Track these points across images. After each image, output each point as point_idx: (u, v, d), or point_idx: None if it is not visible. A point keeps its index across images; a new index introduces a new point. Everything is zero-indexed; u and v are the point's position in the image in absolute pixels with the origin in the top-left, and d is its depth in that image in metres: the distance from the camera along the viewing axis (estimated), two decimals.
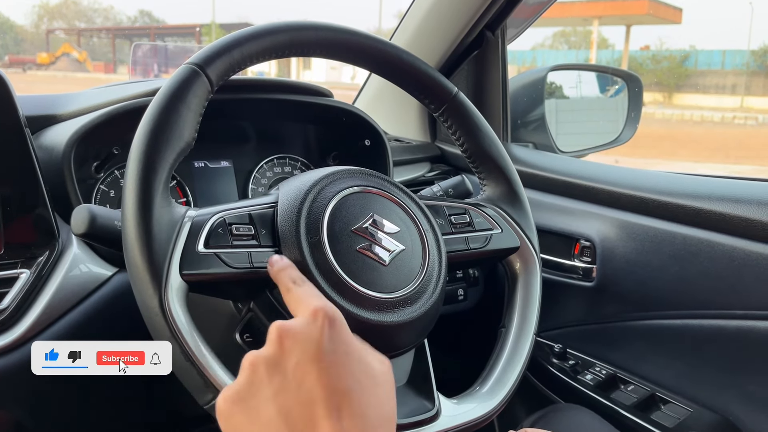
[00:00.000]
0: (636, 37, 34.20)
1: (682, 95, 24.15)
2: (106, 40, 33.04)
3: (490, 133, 0.82)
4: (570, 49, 42.04)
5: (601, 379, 1.08)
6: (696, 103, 22.33)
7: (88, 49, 32.49)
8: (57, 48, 31.92)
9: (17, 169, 0.78)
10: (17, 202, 0.78)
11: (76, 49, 31.85)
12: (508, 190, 0.83)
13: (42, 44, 35.01)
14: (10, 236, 0.77)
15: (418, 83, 0.79)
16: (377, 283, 0.64)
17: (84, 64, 31.06)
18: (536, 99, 1.42)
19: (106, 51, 32.64)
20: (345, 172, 0.71)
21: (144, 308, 0.56)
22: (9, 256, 0.76)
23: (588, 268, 1.11)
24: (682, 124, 17.17)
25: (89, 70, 29.77)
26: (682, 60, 26.37)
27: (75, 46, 32.11)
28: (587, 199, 1.12)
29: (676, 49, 32.78)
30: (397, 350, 0.67)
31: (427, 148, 1.38)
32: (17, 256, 0.77)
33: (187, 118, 0.61)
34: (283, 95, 1.03)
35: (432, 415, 0.65)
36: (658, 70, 26.07)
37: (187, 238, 0.59)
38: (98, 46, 33.44)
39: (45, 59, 31.04)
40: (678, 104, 22.62)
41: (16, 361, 0.75)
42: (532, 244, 0.82)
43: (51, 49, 32.37)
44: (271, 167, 1.12)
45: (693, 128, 16.48)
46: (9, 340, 0.74)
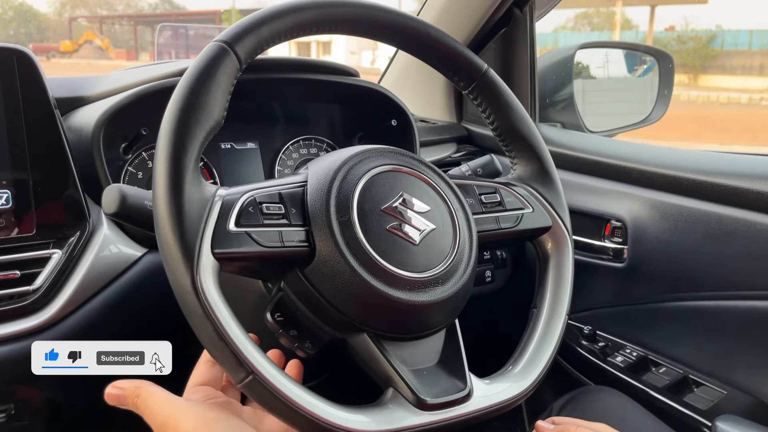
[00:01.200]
0: (661, 18, 33.45)
1: (708, 76, 23.69)
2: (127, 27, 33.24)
3: (521, 110, 0.81)
4: (592, 30, 41.37)
5: (631, 361, 1.06)
6: (722, 84, 21.89)
7: (110, 36, 32.71)
8: (80, 36, 32.17)
9: (48, 150, 0.78)
10: (48, 183, 0.78)
11: (99, 37, 32.08)
12: (539, 169, 0.81)
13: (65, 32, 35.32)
14: (42, 217, 0.77)
15: (447, 60, 0.78)
16: (408, 262, 0.64)
17: (106, 51, 31.29)
18: (565, 78, 1.40)
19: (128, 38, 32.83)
20: (374, 150, 0.70)
21: (176, 287, 0.56)
22: (41, 237, 0.77)
23: (619, 248, 1.09)
24: (708, 106, 16.84)
25: (112, 57, 29.96)
26: (708, 40, 25.83)
27: (97, 34, 32.35)
28: (618, 178, 1.10)
29: (702, 29, 32.09)
30: (428, 330, 0.67)
31: (453, 128, 1.37)
32: (49, 236, 0.77)
33: (216, 96, 0.61)
34: (309, 75, 1.02)
35: (464, 395, 0.64)
36: (684, 51, 25.57)
37: (218, 216, 0.58)
38: (120, 33, 33.65)
39: (68, 47, 31.29)
40: (704, 86, 22.20)
41: (48, 340, 0.76)
42: (564, 224, 0.80)
43: (74, 37, 32.64)
44: (297, 149, 1.12)
45: (719, 110, 16.16)
46: (42, 319, 0.75)
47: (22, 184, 0.76)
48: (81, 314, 0.78)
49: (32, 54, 0.77)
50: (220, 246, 0.57)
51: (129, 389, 0.59)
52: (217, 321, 0.55)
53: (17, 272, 0.75)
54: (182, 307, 0.56)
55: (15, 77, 0.76)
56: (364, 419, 0.58)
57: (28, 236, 0.76)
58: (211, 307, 0.55)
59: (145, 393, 0.58)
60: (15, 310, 0.74)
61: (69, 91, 0.93)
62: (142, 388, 0.59)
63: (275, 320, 0.65)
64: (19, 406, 0.79)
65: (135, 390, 0.59)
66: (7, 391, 0.78)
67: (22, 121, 0.76)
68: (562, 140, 1.22)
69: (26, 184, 0.76)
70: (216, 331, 0.55)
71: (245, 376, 0.55)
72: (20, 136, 0.76)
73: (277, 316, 0.66)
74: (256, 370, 0.55)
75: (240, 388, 0.56)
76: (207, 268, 0.56)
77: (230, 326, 0.56)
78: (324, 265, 0.61)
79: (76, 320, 0.78)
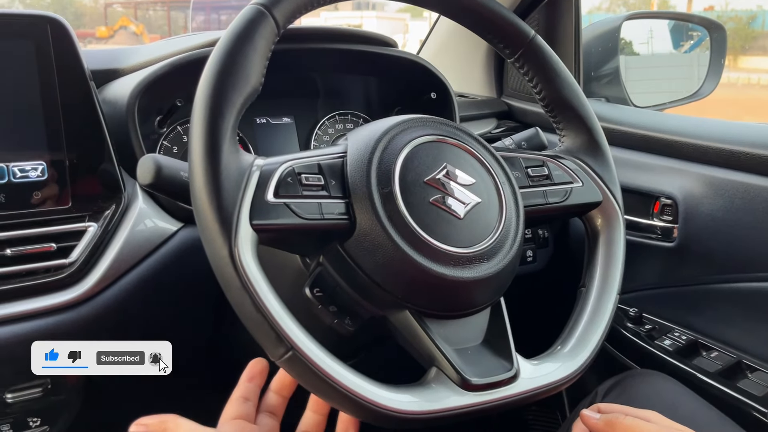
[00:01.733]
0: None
1: (748, 58, 22.97)
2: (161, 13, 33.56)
3: (570, 79, 0.77)
4: (629, 11, 40.41)
5: (680, 344, 1.01)
6: (764, 66, 21.21)
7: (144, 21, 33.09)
8: (115, 22, 32.55)
9: (83, 122, 0.77)
10: (83, 156, 0.77)
11: (133, 22, 32.44)
12: (589, 141, 0.77)
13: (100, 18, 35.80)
14: (77, 189, 0.76)
15: (493, 26, 0.74)
16: (452, 237, 0.61)
17: (141, 36, 31.65)
18: (610, 50, 1.34)
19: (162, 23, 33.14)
20: (417, 120, 0.67)
21: (214, 258, 0.54)
22: (76, 210, 0.76)
23: (668, 227, 1.04)
24: (749, 88, 16.34)
25: (146, 43, 30.31)
26: (748, 21, 25.01)
27: (132, 20, 32.71)
28: (669, 153, 1.05)
29: (743, 9, 31.09)
30: (472, 308, 0.64)
31: (493, 103, 1.33)
32: (84, 209, 0.76)
33: (254, 61, 0.58)
34: (345, 45, 1.00)
35: (511, 376, 0.61)
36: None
37: (256, 186, 0.56)
38: (154, 18, 34.01)
39: (104, 33, 31.70)
40: (744, 67, 21.54)
41: (85, 314, 0.75)
42: (616, 199, 0.76)
43: (109, 23, 33.06)
44: (333, 123, 1.09)
45: (760, 92, 15.66)
46: (79, 293, 0.74)
47: (58, 157, 0.75)
48: (115, 289, 0.77)
49: (66, 22, 0.75)
50: (259, 217, 0.55)
51: (154, 424, 0.57)
52: (255, 294, 0.53)
53: (53, 245, 0.74)
54: (220, 279, 0.55)
55: (49, 46, 0.74)
56: (407, 398, 0.56)
57: (64, 209, 0.75)
58: (249, 280, 0.53)
59: (173, 425, 0.57)
60: (50, 284, 0.73)
61: (104, 63, 0.91)
62: (169, 422, 0.57)
63: (314, 295, 0.63)
64: (55, 381, 0.79)
65: (161, 425, 0.57)
66: None
67: (57, 92, 0.75)
68: (609, 114, 1.17)
69: (61, 156, 0.75)
70: (254, 304, 0.53)
71: (285, 352, 0.53)
72: (55, 107, 0.75)
73: (316, 291, 0.64)
74: (296, 346, 0.53)
75: (279, 363, 0.54)
76: (245, 239, 0.54)
77: (269, 300, 0.54)
78: (365, 239, 0.59)
79: (110, 295, 0.77)
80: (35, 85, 0.74)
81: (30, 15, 0.74)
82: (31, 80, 0.74)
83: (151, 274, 0.79)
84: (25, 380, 0.77)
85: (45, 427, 0.81)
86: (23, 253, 0.72)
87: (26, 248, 0.72)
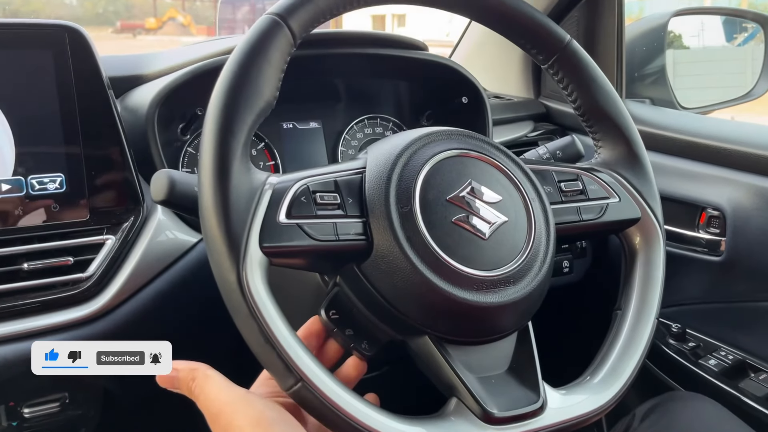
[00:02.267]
0: None
1: None
2: (208, 4, 34.02)
3: (608, 86, 0.72)
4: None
5: (726, 365, 0.96)
6: None
7: (192, 13, 33.58)
8: (164, 13, 33.11)
9: (102, 132, 0.76)
10: (102, 167, 0.76)
11: (181, 14, 32.94)
12: (627, 153, 0.72)
13: (150, 10, 36.49)
14: (95, 201, 0.75)
15: (525, 31, 0.70)
16: (476, 259, 0.58)
17: (188, 28, 32.14)
18: (656, 48, 1.28)
19: (209, 15, 33.63)
20: (440, 133, 0.63)
21: (221, 283, 0.52)
22: (94, 222, 0.75)
23: (715, 240, 0.98)
24: None
25: (193, 34, 30.82)
26: None
27: (180, 11, 33.22)
28: (717, 162, 1.00)
29: None
30: (497, 334, 0.60)
31: (530, 105, 1.29)
32: (102, 221, 0.75)
33: (267, 75, 0.56)
34: (374, 49, 0.97)
35: (537, 408, 0.57)
36: None
37: (267, 207, 0.54)
38: (201, 9, 34.47)
39: (153, 25, 32.30)
40: None
41: (102, 329, 0.74)
42: (656, 215, 0.72)
43: (158, 14, 33.65)
44: (361, 128, 1.07)
45: None
46: (95, 308, 0.74)
47: (76, 168, 0.74)
48: (133, 304, 0.76)
49: (84, 30, 0.74)
50: (269, 239, 0.53)
51: (184, 371, 0.55)
52: (263, 322, 0.51)
53: (71, 258, 0.73)
54: (227, 305, 0.53)
55: (67, 56, 0.73)
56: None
57: (82, 221, 0.74)
58: (257, 307, 0.51)
59: (202, 377, 0.54)
60: (67, 298, 0.73)
61: (125, 69, 0.91)
62: (199, 371, 0.55)
63: (330, 318, 0.61)
64: (73, 395, 0.78)
65: (190, 372, 0.55)
66: (61, 380, 0.77)
67: (75, 103, 0.74)
68: (651, 118, 1.12)
69: (80, 167, 0.74)
70: (262, 332, 0.51)
71: (294, 383, 0.51)
72: (74, 117, 0.74)
73: (332, 313, 0.61)
74: (305, 377, 0.51)
75: (289, 395, 0.52)
76: (254, 263, 0.52)
77: (278, 328, 0.51)
78: (382, 261, 0.56)
79: (128, 310, 0.76)
80: (53, 96, 0.73)
81: (48, 24, 0.73)
82: (49, 90, 0.73)
83: (169, 288, 0.78)
84: (42, 395, 0.76)
85: None
86: (40, 267, 0.72)
87: (43, 262, 0.72)
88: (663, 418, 0.81)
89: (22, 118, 0.72)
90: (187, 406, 0.63)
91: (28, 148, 0.73)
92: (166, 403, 0.90)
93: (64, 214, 0.74)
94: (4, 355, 0.70)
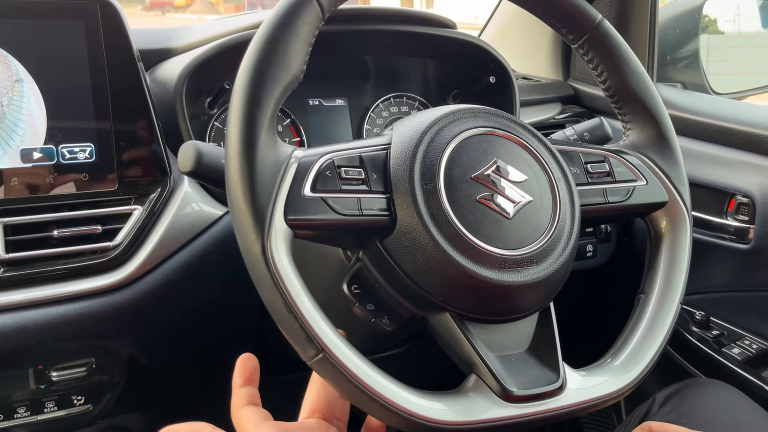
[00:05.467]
0: None
1: None
2: None
3: (639, 68, 0.71)
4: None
5: (750, 354, 0.95)
6: None
7: None
8: None
9: (131, 104, 0.77)
10: (131, 138, 0.77)
11: None
12: (656, 136, 0.71)
13: None
14: (124, 172, 0.76)
15: (556, 9, 0.69)
16: (499, 238, 0.57)
17: (217, 6, 32.08)
18: (690, 32, 1.26)
19: None
20: (466, 111, 0.63)
21: (246, 254, 0.53)
22: (122, 192, 0.76)
23: (743, 228, 0.97)
24: None
25: (222, 13, 30.85)
26: None
27: None
28: (748, 148, 0.98)
29: None
30: (518, 313, 0.60)
31: (558, 87, 1.27)
32: (130, 192, 0.76)
33: (296, 48, 0.56)
34: (402, 26, 0.96)
35: (556, 387, 0.57)
36: None
37: (292, 180, 0.54)
38: None
39: (182, 2, 32.32)
40: None
41: (128, 297, 0.76)
42: (683, 200, 0.71)
43: None
44: (387, 106, 1.07)
45: None
46: (122, 276, 0.75)
47: (106, 139, 0.75)
48: (158, 274, 0.77)
49: (116, 2, 0.75)
50: (294, 212, 0.53)
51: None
52: (287, 293, 0.52)
53: (99, 227, 0.74)
54: (252, 276, 0.53)
55: (99, 28, 0.74)
56: (441, 407, 0.53)
57: (110, 191, 0.75)
58: (281, 278, 0.52)
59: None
60: (95, 266, 0.74)
61: (155, 42, 0.91)
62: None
63: (352, 292, 0.61)
64: (100, 361, 0.80)
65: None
66: (88, 346, 0.79)
67: (106, 75, 0.75)
68: (682, 103, 1.10)
69: (109, 138, 0.75)
70: (285, 303, 0.52)
71: (315, 354, 0.52)
72: (104, 88, 0.75)
73: (354, 288, 0.62)
74: (327, 348, 0.51)
75: (310, 365, 0.53)
76: (279, 235, 0.52)
77: (301, 299, 0.52)
78: (405, 237, 0.56)
79: (153, 279, 0.77)
80: (85, 67, 0.74)
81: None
82: (80, 61, 0.74)
83: (194, 259, 0.79)
84: (69, 359, 0.78)
85: (88, 406, 0.82)
86: (70, 235, 0.73)
87: (73, 229, 0.73)
88: (683, 403, 0.80)
89: (54, 88, 0.73)
90: (210, 375, 0.64)
91: (60, 118, 0.74)
92: (189, 371, 0.92)
93: (93, 184, 0.75)
94: (34, 319, 0.72)
